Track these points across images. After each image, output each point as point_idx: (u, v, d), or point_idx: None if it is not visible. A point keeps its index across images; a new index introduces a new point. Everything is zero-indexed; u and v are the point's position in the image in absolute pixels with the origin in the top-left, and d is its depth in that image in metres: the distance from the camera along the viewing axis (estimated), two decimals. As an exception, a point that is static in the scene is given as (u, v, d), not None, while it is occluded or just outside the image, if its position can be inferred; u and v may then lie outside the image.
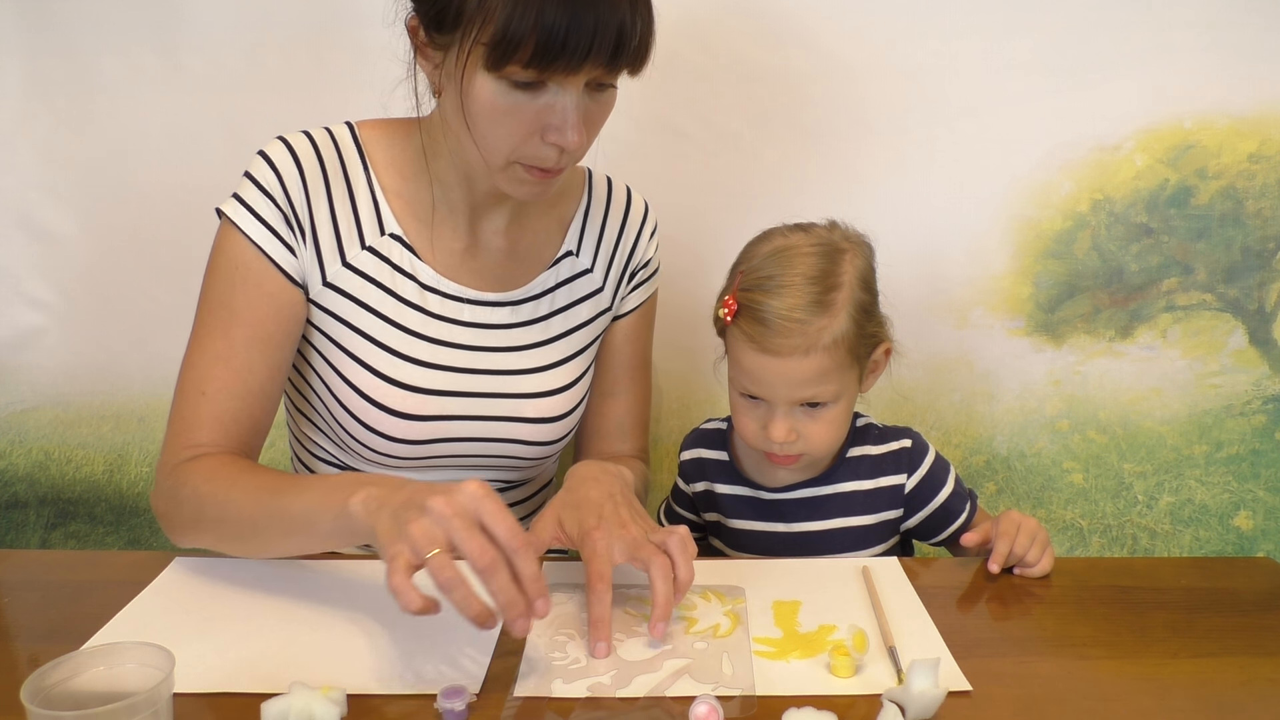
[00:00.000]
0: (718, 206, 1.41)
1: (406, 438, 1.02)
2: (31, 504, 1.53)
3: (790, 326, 0.98)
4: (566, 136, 0.88)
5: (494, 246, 1.07)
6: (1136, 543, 1.48)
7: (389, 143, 1.03)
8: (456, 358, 1.04)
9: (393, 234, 1.02)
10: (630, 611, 0.88)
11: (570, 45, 0.82)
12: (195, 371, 0.97)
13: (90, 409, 1.50)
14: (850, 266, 1.02)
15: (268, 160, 0.98)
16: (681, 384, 1.49)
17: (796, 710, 0.69)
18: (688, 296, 1.36)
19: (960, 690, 0.76)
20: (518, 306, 1.08)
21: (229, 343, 0.97)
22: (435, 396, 1.03)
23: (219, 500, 0.90)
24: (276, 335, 0.99)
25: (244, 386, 0.97)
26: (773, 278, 1.00)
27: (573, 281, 1.11)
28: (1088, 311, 1.42)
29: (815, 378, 1.00)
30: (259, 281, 0.98)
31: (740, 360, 1.03)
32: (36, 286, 1.47)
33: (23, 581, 0.98)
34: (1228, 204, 1.38)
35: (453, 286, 1.04)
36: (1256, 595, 0.94)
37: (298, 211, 0.98)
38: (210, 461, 0.94)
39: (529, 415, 1.07)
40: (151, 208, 1.43)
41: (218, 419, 0.96)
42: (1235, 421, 1.44)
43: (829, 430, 1.04)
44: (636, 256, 1.16)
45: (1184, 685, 0.78)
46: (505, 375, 1.06)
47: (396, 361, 1.01)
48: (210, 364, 0.97)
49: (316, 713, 0.70)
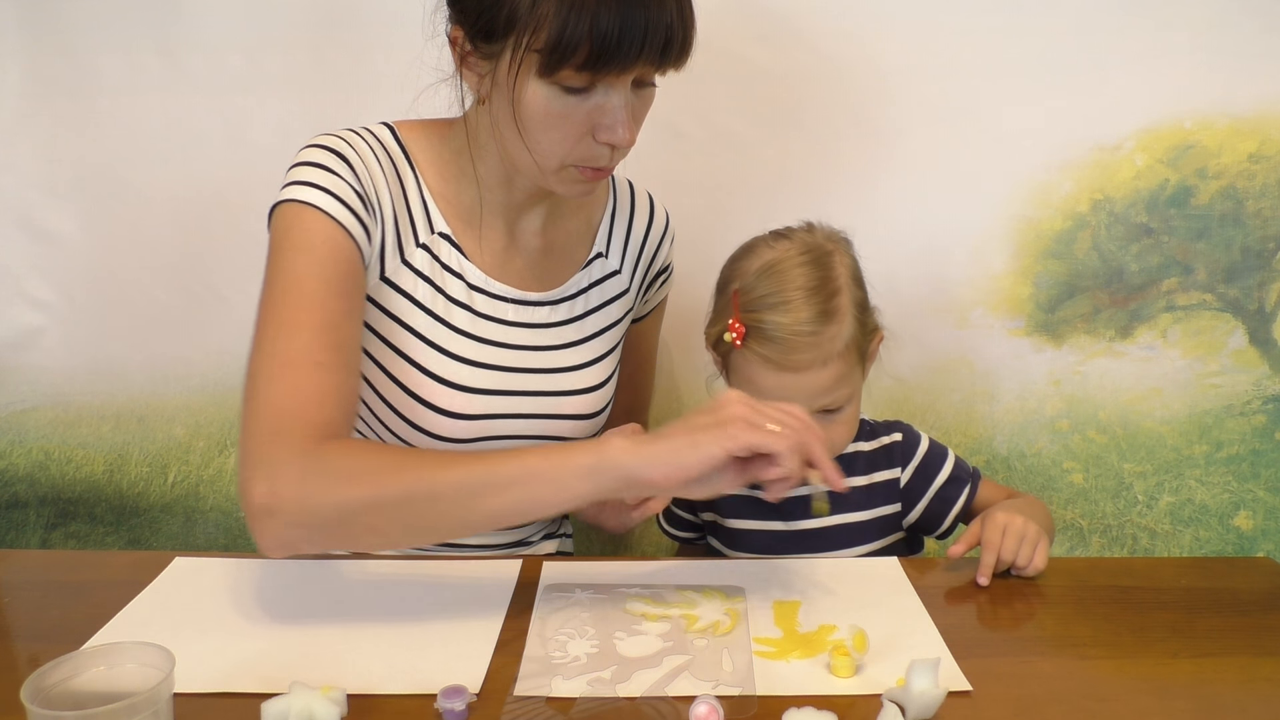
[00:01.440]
0: (717, 206, 1.41)
1: (454, 436, 1.02)
2: (31, 504, 1.53)
3: (804, 341, 0.98)
4: (618, 134, 0.90)
5: (531, 247, 1.08)
6: (1136, 543, 1.48)
7: (429, 143, 1.03)
8: (503, 357, 1.04)
9: (441, 232, 1.02)
10: (630, 610, 0.88)
11: (624, 48, 0.84)
12: (299, 341, 0.86)
13: (90, 409, 1.50)
14: (841, 267, 1.03)
15: (330, 150, 0.95)
16: (681, 382, 1.49)
17: (796, 710, 0.70)
18: (687, 296, 1.36)
19: (960, 690, 0.76)
20: (556, 306, 1.09)
21: (328, 313, 0.89)
22: (483, 395, 1.03)
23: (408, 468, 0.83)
24: (362, 306, 0.95)
25: (354, 361, 0.92)
26: (772, 294, 1.00)
27: (604, 282, 1.13)
28: (1088, 311, 1.42)
29: (833, 385, 1.01)
30: (349, 256, 0.93)
31: (756, 380, 1.02)
32: (37, 286, 1.47)
33: (23, 581, 0.98)
34: (1228, 204, 1.38)
35: (498, 286, 1.05)
36: (1256, 595, 0.94)
37: (368, 195, 0.96)
38: (360, 443, 0.92)
39: (568, 412, 1.08)
40: (152, 208, 1.43)
41: (338, 391, 0.87)
42: (1235, 421, 1.44)
43: (847, 429, 1.07)
44: (659, 262, 1.19)
45: (1184, 685, 0.78)
46: (547, 374, 1.07)
47: (446, 360, 1.01)
48: (317, 335, 0.87)
49: (317, 712, 0.70)
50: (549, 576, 0.95)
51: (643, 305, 1.19)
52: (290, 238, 0.91)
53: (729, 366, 1.08)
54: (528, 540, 1.17)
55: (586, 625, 0.86)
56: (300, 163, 0.95)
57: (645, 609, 0.88)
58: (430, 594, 0.92)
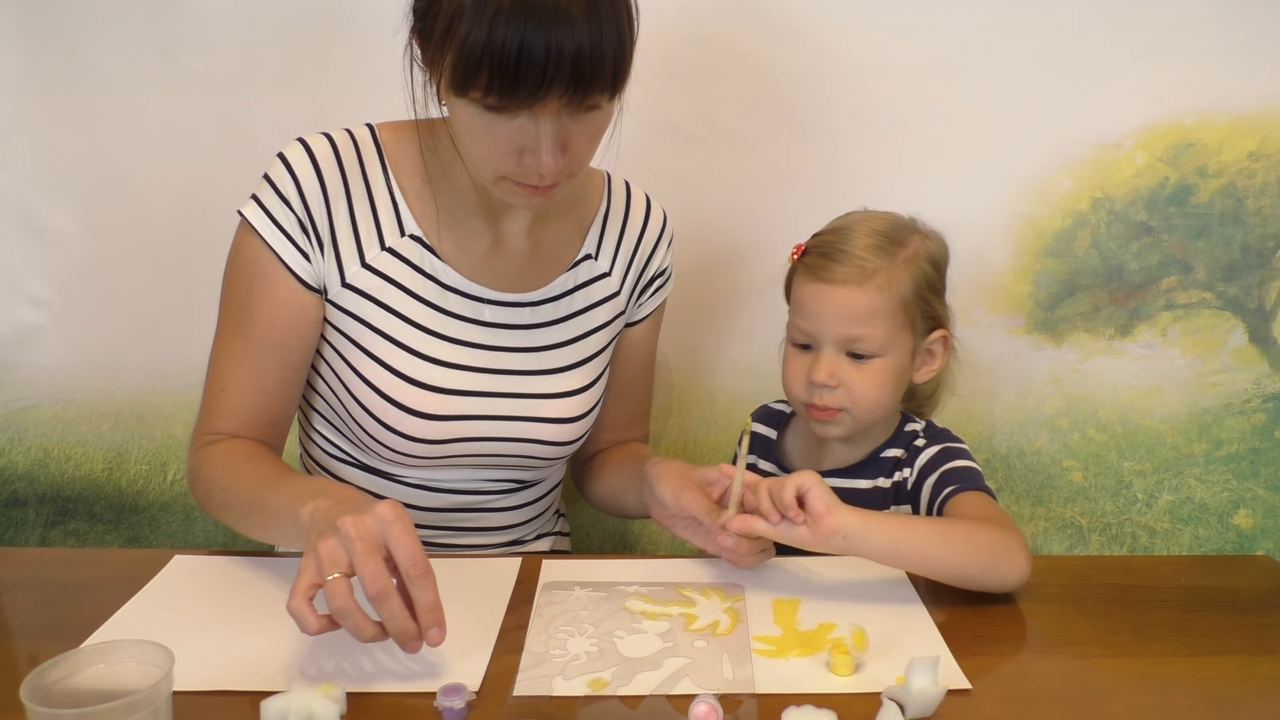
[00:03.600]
0: (717, 205, 1.41)
1: (426, 437, 1.02)
2: (31, 502, 1.53)
3: (850, 257, 1.02)
4: (542, 162, 0.88)
5: (516, 247, 1.07)
6: (1136, 541, 1.48)
7: (409, 144, 1.03)
8: (477, 358, 1.04)
9: (413, 235, 1.03)
10: (630, 609, 0.88)
11: (524, 76, 0.81)
12: (218, 366, 1.02)
13: (89, 407, 1.50)
14: (920, 241, 1.06)
15: (286, 164, 0.99)
16: (683, 380, 1.49)
17: (796, 708, 0.70)
18: (689, 296, 1.36)
19: (960, 688, 0.76)
20: (538, 307, 1.08)
21: (246, 345, 1.00)
22: (455, 396, 1.03)
23: (222, 487, 0.96)
24: (290, 340, 1.01)
25: (259, 386, 1.01)
26: (843, 227, 1.06)
27: (591, 285, 1.11)
28: (1087, 310, 1.42)
29: (865, 315, 1.02)
30: (274, 287, 0.99)
31: (798, 297, 1.06)
32: (35, 284, 1.46)
33: (22, 580, 0.98)
34: (1228, 202, 1.38)
35: (473, 287, 1.04)
36: (1256, 594, 0.94)
37: (314, 217, 0.99)
38: (224, 447, 0.99)
39: (548, 415, 1.07)
40: (151, 205, 1.43)
41: (235, 414, 1.01)
42: (1235, 420, 1.44)
43: (873, 385, 1.04)
44: (654, 266, 1.17)
45: (1183, 683, 0.78)
46: (525, 376, 1.06)
47: (416, 361, 1.02)
48: (229, 363, 1.01)
49: (316, 711, 0.70)
50: (548, 574, 0.95)
51: (636, 309, 1.17)
52: (233, 259, 1.02)
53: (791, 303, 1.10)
54: (522, 540, 1.17)
55: (586, 624, 0.86)
56: (265, 175, 1.00)
57: (644, 608, 0.88)
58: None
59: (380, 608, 0.73)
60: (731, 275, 1.42)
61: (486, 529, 1.13)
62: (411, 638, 0.73)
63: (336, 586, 0.72)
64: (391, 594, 0.72)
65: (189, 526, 1.53)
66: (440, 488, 1.08)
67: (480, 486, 1.10)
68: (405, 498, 1.08)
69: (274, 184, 0.99)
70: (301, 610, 0.73)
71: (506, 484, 1.12)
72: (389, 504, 0.75)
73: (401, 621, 0.73)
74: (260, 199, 0.99)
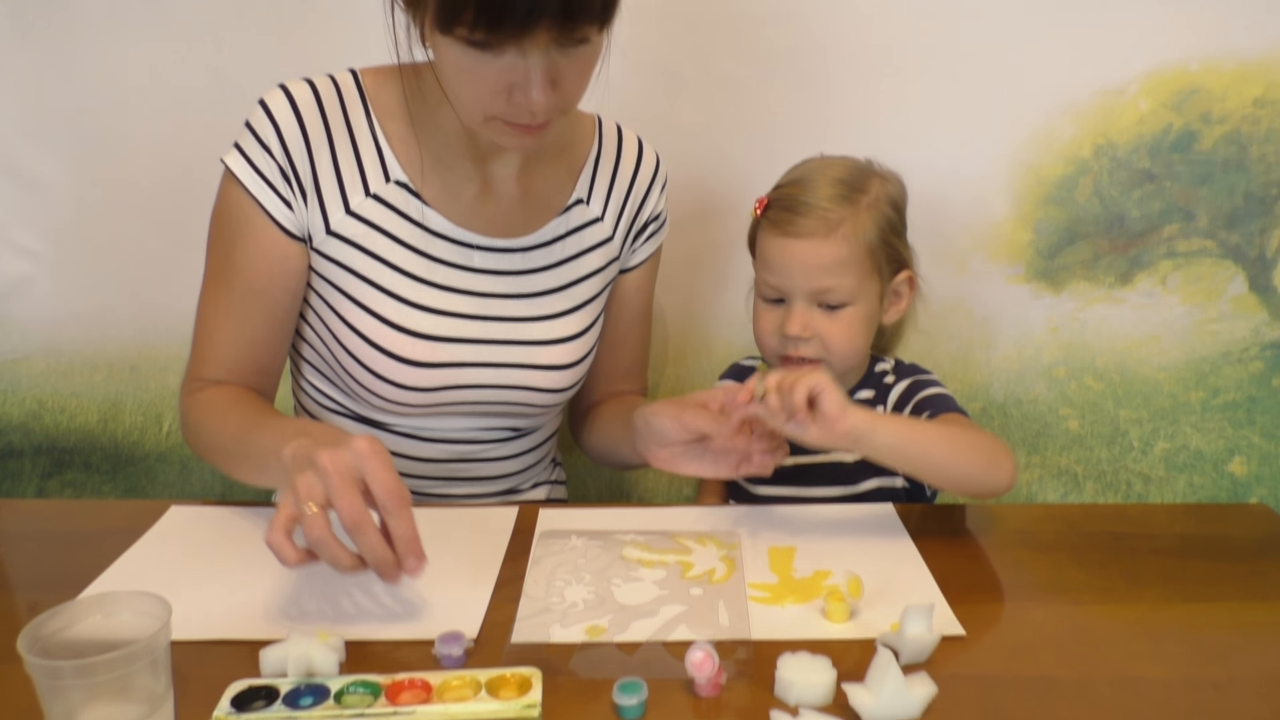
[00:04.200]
0: (712, 151, 1.39)
1: (416, 385, 1.02)
2: (27, 453, 1.53)
3: (814, 210, 1.02)
4: (532, 98, 0.86)
5: (505, 192, 1.06)
6: (1131, 489, 1.48)
7: (394, 89, 1.01)
8: (467, 304, 1.03)
9: (398, 181, 1.01)
10: (627, 557, 0.89)
11: (511, 7, 0.79)
12: (204, 315, 1.02)
13: (82, 358, 1.50)
14: (879, 185, 1.06)
15: (267, 111, 0.98)
16: (679, 331, 1.48)
17: (791, 655, 0.70)
18: (685, 243, 1.35)
19: (954, 635, 0.76)
20: (529, 253, 1.07)
21: (229, 294, 1.00)
22: (445, 344, 1.02)
23: (210, 431, 0.98)
24: (273, 289, 1.00)
25: (244, 336, 1.01)
26: (803, 179, 1.06)
27: (583, 230, 1.10)
28: (1088, 258, 1.41)
29: (833, 265, 1.02)
30: (256, 236, 0.99)
31: (765, 252, 1.06)
32: (24, 235, 1.45)
33: (20, 531, 0.98)
34: (1231, 149, 1.37)
35: (461, 233, 1.03)
36: (1249, 541, 0.95)
37: (296, 164, 0.98)
38: (211, 393, 1.00)
39: (540, 362, 1.06)
40: (139, 153, 1.41)
41: (222, 362, 1.01)
42: (1233, 368, 1.44)
43: (846, 333, 1.05)
44: (647, 210, 1.15)
45: (1175, 630, 0.79)
46: (516, 322, 1.06)
47: (404, 309, 1.01)
48: (214, 312, 1.01)
49: (315, 659, 0.70)
50: (545, 523, 0.96)
51: (630, 255, 1.16)
52: (217, 208, 1.01)
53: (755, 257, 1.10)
54: (518, 488, 1.18)
55: (583, 571, 0.86)
56: (247, 122, 0.99)
57: (641, 555, 0.89)
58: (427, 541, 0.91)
59: (357, 538, 0.73)
60: (726, 223, 1.41)
61: (482, 478, 1.13)
62: (390, 566, 0.74)
63: (314, 519, 0.73)
64: (368, 525, 0.73)
65: (186, 477, 1.53)
66: (434, 437, 1.08)
67: (475, 435, 1.10)
68: (398, 447, 1.08)
69: (255, 131, 0.98)
70: (279, 543, 0.74)
71: (501, 432, 1.12)
72: (365, 438, 0.75)
73: (379, 551, 0.74)
74: (242, 147, 0.98)
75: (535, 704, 0.67)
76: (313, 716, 0.66)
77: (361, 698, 0.67)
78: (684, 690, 0.69)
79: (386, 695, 0.67)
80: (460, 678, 0.69)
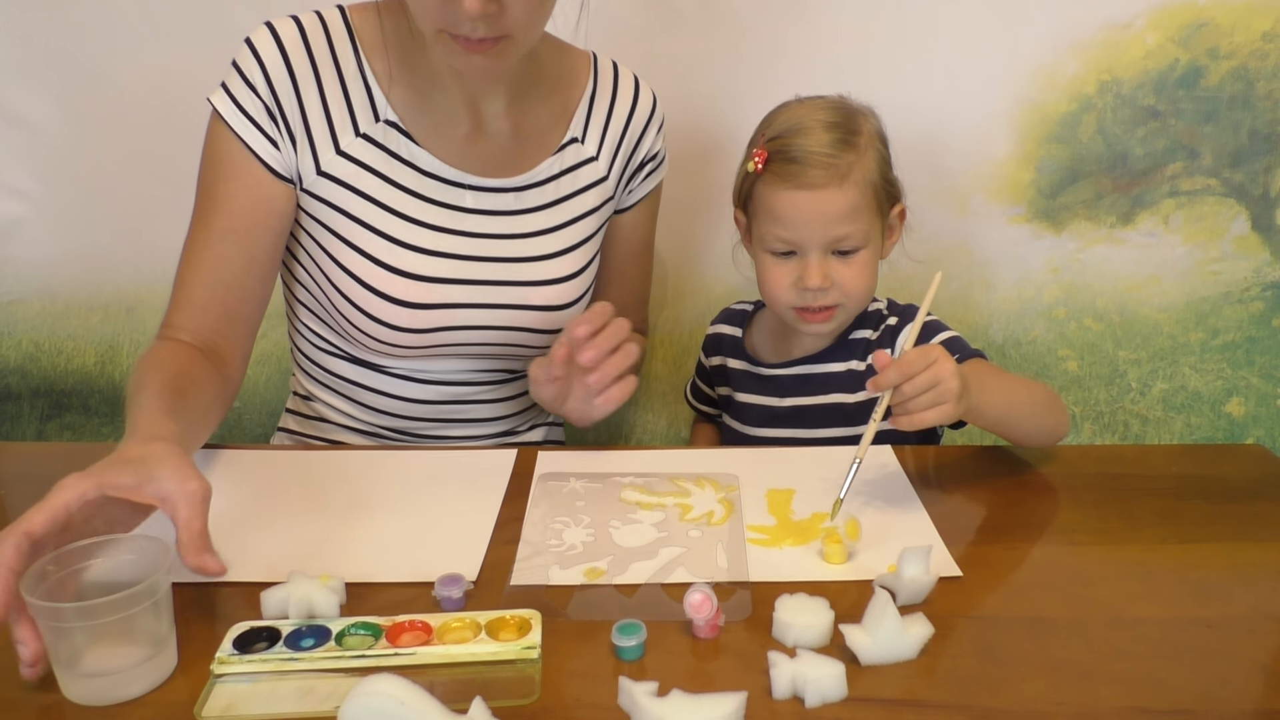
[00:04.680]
0: (711, 89, 1.37)
1: (410, 326, 1.01)
2: (25, 396, 1.53)
3: (822, 159, 1.01)
4: (464, 4, 0.83)
5: (496, 130, 1.04)
6: (1128, 429, 1.49)
7: (380, 25, 0.99)
8: (460, 245, 1.02)
9: (388, 120, 1.00)
10: (625, 499, 0.89)
11: None
12: (184, 256, 0.99)
13: (78, 300, 1.49)
14: (866, 121, 1.06)
15: (253, 50, 0.96)
16: (676, 272, 1.47)
17: (789, 597, 0.70)
18: (682, 183, 1.33)
19: (951, 576, 0.77)
20: (522, 193, 1.06)
21: (207, 233, 0.98)
22: (438, 285, 1.01)
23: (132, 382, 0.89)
24: (254, 229, 0.98)
25: (216, 276, 0.98)
26: (796, 126, 1.03)
27: (577, 169, 1.09)
28: (1090, 198, 1.40)
29: (848, 213, 1.02)
30: (240, 174, 0.97)
31: (773, 207, 1.04)
32: (14, 175, 1.43)
33: (20, 474, 0.98)
34: (1238, 85, 1.34)
35: (453, 172, 1.02)
36: (1245, 482, 0.95)
37: (283, 103, 0.96)
38: (159, 350, 0.94)
39: (536, 303, 1.06)
40: (129, 91, 1.38)
41: (191, 305, 0.97)
42: (1233, 309, 1.43)
43: (861, 276, 1.05)
44: (643, 150, 1.14)
45: (1170, 570, 0.80)
46: (511, 263, 1.05)
47: (396, 249, 1.00)
48: (192, 252, 0.98)
49: (316, 601, 0.71)
50: (544, 466, 0.96)
51: (626, 195, 1.15)
52: (205, 148, 0.99)
53: (751, 211, 1.08)
54: (514, 430, 1.18)
55: (582, 514, 0.86)
56: (233, 61, 0.97)
57: (640, 498, 0.89)
58: (426, 484, 0.92)
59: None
60: (726, 164, 1.39)
61: (478, 420, 1.13)
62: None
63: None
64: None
65: (185, 419, 1.53)
66: (429, 379, 1.08)
67: (470, 377, 1.10)
68: (393, 389, 1.07)
69: (241, 71, 0.96)
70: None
71: (497, 374, 1.11)
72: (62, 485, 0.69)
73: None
74: (228, 87, 0.97)
75: (535, 645, 0.67)
76: (314, 658, 0.66)
77: (362, 639, 0.68)
78: (682, 632, 0.70)
79: (387, 637, 0.68)
80: (460, 620, 0.70)
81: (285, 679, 0.65)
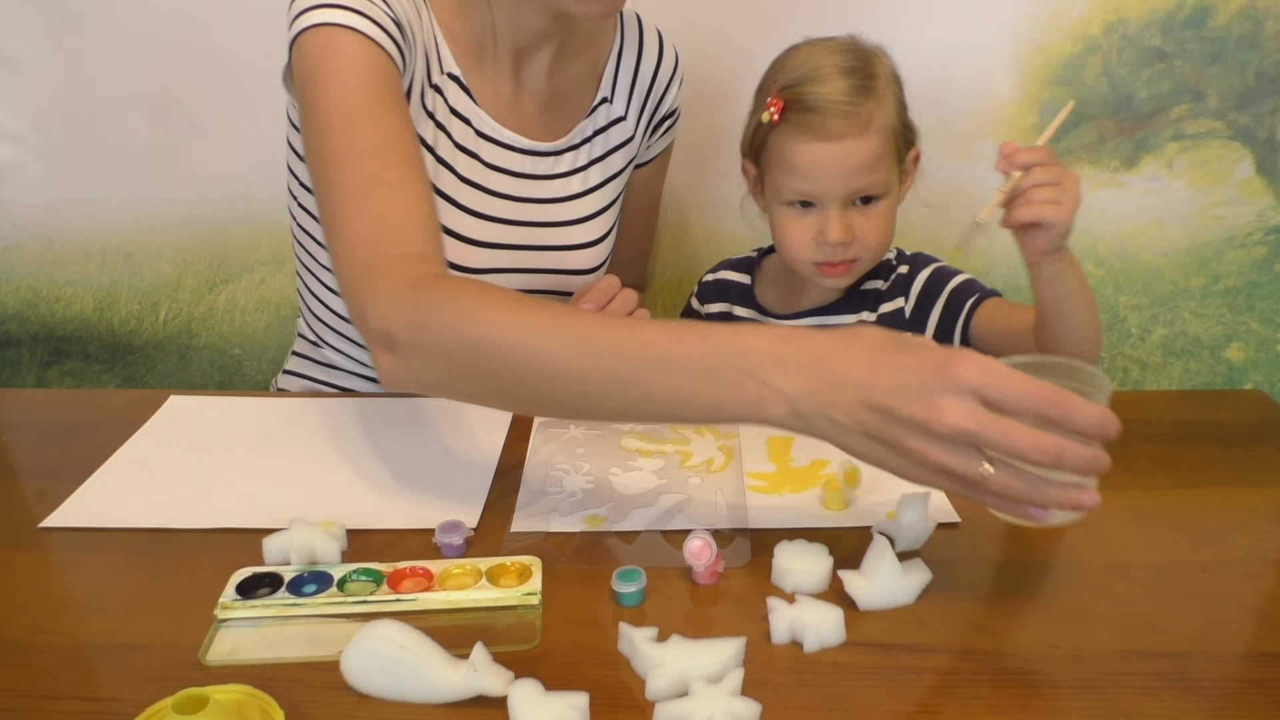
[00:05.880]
0: (714, 32, 1.34)
1: None
2: (24, 342, 1.53)
3: (843, 108, 0.97)
4: None
5: (538, 90, 1.02)
6: (1127, 375, 1.49)
7: None
8: (508, 209, 1.01)
9: (450, 73, 0.97)
10: (625, 446, 0.89)
11: None
12: (364, 167, 0.78)
13: (75, 245, 1.48)
14: (881, 64, 1.01)
15: None
16: (678, 217, 1.46)
17: (788, 543, 0.71)
18: (691, 130, 1.31)
19: (949, 522, 0.77)
20: (559, 157, 1.04)
21: (389, 131, 0.81)
22: (486, 249, 1.00)
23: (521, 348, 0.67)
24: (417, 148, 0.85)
25: (424, 173, 0.83)
26: (812, 73, 0.98)
27: (608, 130, 1.08)
28: (1093, 141, 1.38)
29: (870, 164, 0.99)
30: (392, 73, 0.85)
31: (792, 158, 1.00)
32: (6, 118, 1.41)
33: (22, 420, 0.98)
34: (1246, 25, 1.32)
35: (507, 134, 1.00)
36: (1243, 427, 0.95)
37: (403, 21, 0.88)
38: (473, 288, 0.73)
39: (569, 267, 1.05)
40: (119, 32, 1.36)
41: (418, 208, 0.79)
42: (1235, 254, 1.42)
43: (882, 226, 1.03)
44: (664, 107, 1.13)
45: (1166, 515, 0.80)
46: (549, 227, 1.04)
47: (450, 210, 0.97)
48: (382, 155, 0.79)
49: (317, 547, 0.71)
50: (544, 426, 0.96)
51: (645, 151, 1.14)
52: (326, 64, 0.82)
53: (764, 162, 1.04)
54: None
55: (582, 461, 0.87)
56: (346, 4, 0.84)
57: (640, 445, 0.89)
58: (427, 430, 0.92)
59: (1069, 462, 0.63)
60: (730, 108, 1.37)
61: None
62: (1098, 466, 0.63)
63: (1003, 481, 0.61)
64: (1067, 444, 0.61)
65: (184, 366, 1.53)
66: None
67: None
68: None
69: None
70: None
71: None
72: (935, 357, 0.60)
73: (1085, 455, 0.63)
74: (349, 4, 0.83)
75: (535, 592, 0.68)
76: (317, 603, 0.67)
77: (364, 585, 0.68)
78: (682, 578, 0.70)
79: (388, 583, 0.69)
80: (461, 566, 0.70)
81: (288, 624, 0.66)
